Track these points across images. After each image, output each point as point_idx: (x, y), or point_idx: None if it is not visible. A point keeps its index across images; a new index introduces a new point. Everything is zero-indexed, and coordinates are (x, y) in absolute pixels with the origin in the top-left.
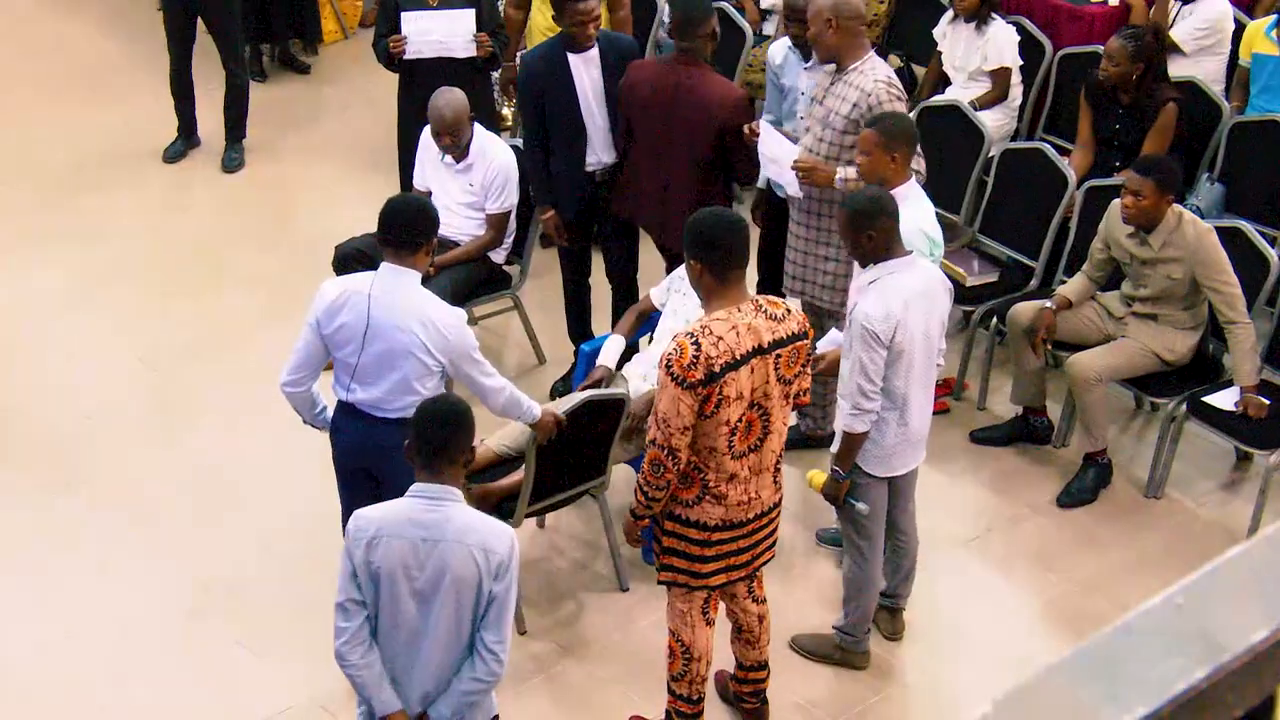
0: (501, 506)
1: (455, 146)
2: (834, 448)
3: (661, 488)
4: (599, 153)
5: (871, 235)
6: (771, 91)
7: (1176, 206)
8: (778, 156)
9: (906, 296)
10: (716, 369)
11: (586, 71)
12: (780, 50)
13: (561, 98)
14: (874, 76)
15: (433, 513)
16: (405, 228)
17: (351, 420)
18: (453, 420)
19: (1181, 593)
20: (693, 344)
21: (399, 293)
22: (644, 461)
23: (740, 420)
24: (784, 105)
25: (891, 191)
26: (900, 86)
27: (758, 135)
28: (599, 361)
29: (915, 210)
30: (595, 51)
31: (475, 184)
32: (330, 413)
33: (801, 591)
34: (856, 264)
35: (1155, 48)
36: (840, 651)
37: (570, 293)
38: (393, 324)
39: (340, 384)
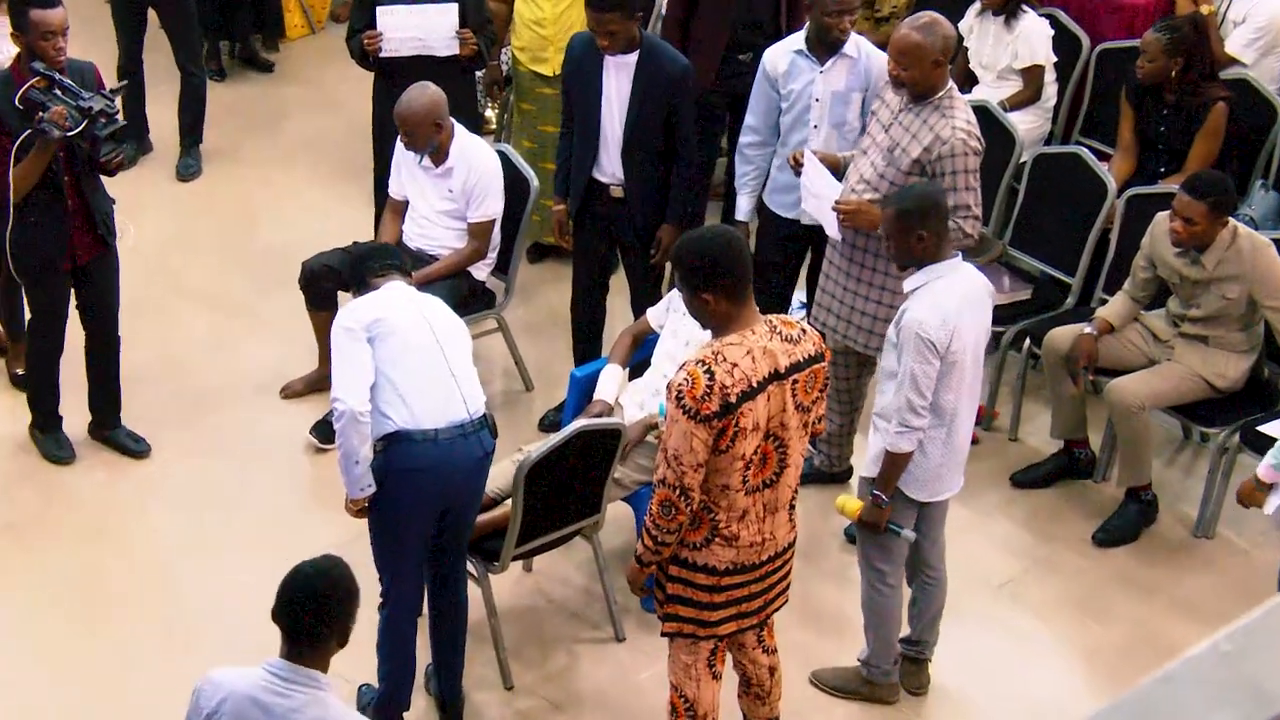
0: (484, 546)
1: (414, 147)
2: (864, 471)
3: (672, 531)
4: (612, 165)
5: (923, 236)
6: (763, 103)
7: (1229, 220)
8: (820, 192)
9: (959, 302)
10: (733, 399)
11: (616, 76)
12: (783, 56)
13: (584, 93)
14: (953, 122)
15: (283, 698)
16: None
17: (444, 448)
18: (328, 596)
19: (1228, 639)
20: (705, 373)
21: None
22: (652, 502)
23: (756, 453)
24: (789, 115)
25: None
26: (979, 133)
27: (801, 164)
28: (597, 395)
29: None
30: (633, 58)
31: (455, 189)
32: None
33: (812, 635)
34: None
35: (1195, 40)
36: (867, 685)
37: (576, 317)
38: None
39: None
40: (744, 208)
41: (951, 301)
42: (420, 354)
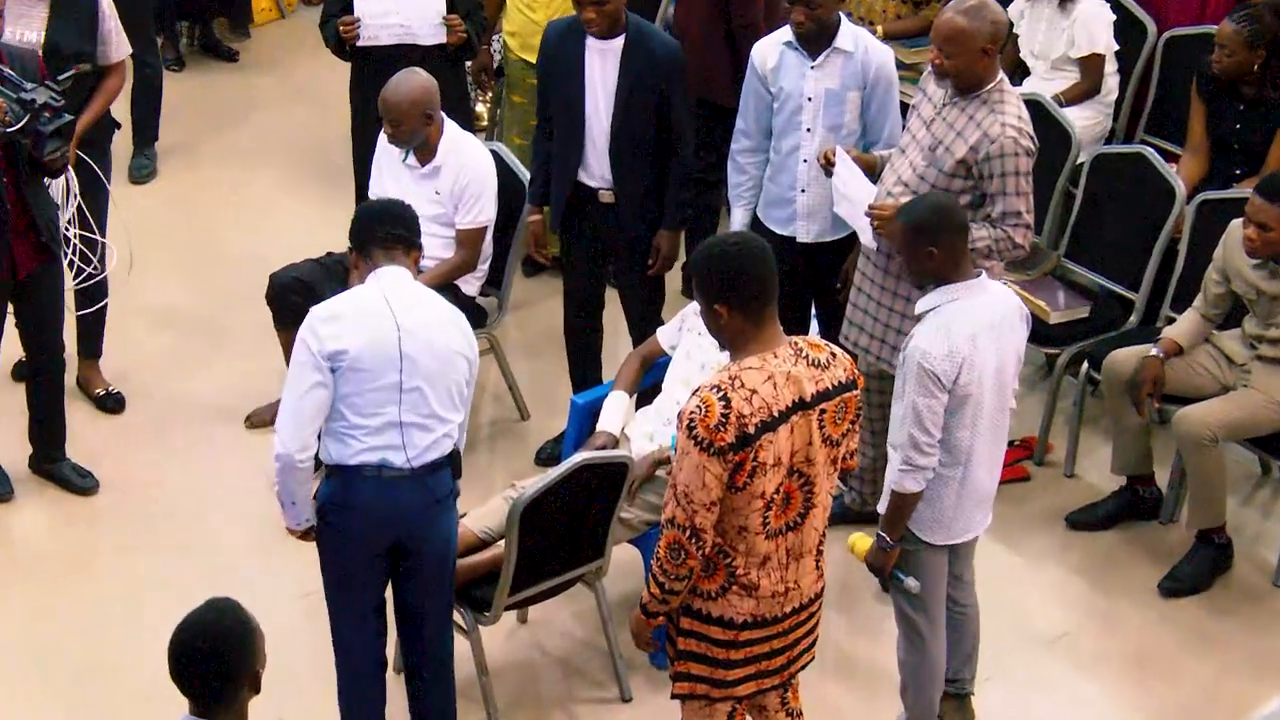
0: (474, 594)
1: (399, 140)
2: (880, 507)
3: (682, 577)
4: (600, 166)
5: (933, 252)
6: (754, 103)
7: None
8: (852, 195)
9: (974, 329)
10: (751, 430)
11: (601, 63)
12: (773, 49)
13: (564, 85)
14: (1002, 119)
15: None
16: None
17: (387, 486)
18: (218, 650)
19: None
20: (721, 400)
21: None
22: (659, 545)
23: (778, 492)
24: (780, 117)
25: None
26: (1032, 131)
27: (833, 163)
28: (600, 425)
29: None
30: (619, 43)
31: (442, 191)
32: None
33: (843, 692)
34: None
35: (1277, 30)
36: None
37: (570, 338)
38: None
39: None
40: (739, 221)
41: (963, 329)
42: (375, 395)
